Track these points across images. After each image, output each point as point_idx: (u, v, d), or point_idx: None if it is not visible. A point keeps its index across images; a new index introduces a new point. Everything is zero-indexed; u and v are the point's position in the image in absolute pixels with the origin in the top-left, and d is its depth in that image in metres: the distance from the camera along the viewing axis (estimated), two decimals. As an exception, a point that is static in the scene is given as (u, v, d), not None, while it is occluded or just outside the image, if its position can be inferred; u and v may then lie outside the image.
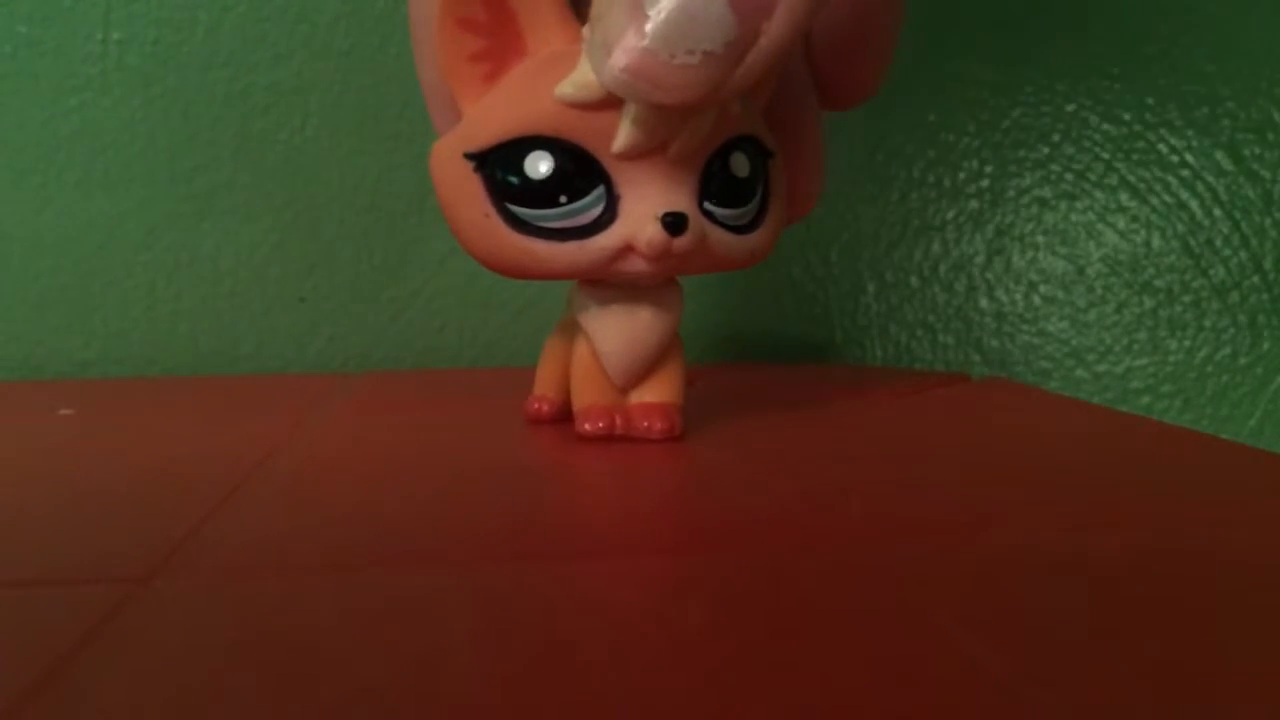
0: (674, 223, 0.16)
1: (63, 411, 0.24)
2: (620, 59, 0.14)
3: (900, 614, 0.10)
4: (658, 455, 0.18)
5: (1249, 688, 0.08)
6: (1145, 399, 0.34)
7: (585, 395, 0.19)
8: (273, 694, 0.08)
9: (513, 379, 0.22)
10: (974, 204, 0.34)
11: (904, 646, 0.09)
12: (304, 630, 0.09)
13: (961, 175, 0.34)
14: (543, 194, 0.16)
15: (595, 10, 0.15)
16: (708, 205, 0.17)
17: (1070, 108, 0.34)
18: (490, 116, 0.16)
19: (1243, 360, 0.34)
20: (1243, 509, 0.14)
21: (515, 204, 0.16)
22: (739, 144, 0.17)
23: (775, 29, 0.14)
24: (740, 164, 0.17)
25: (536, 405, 0.21)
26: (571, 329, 0.19)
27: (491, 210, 0.16)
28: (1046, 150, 0.34)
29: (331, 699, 0.08)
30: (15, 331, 0.33)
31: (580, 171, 0.16)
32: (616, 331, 0.18)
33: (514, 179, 0.16)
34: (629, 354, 0.18)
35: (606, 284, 0.18)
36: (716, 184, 0.17)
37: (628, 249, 0.16)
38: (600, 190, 0.16)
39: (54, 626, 0.10)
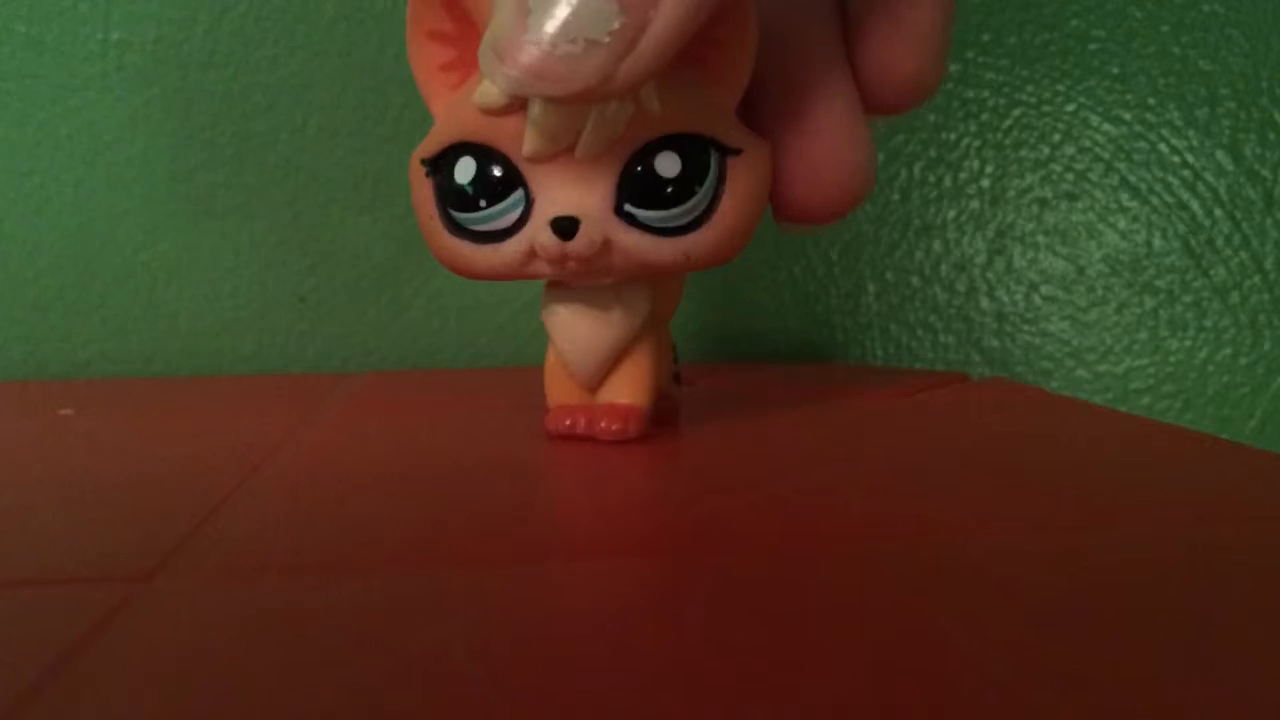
0: (564, 227, 0.16)
1: (63, 411, 0.24)
2: (505, 55, 0.14)
3: (900, 614, 0.10)
4: (657, 455, 0.18)
5: (1249, 688, 0.08)
6: (1146, 399, 0.34)
7: (554, 395, 0.19)
8: (273, 693, 0.08)
9: (513, 379, 0.22)
10: (975, 204, 0.34)
11: (903, 646, 0.09)
12: (304, 630, 0.09)
13: (962, 175, 0.34)
14: (469, 198, 0.17)
15: (492, 12, 0.15)
16: (628, 207, 0.16)
17: (1071, 108, 0.34)
18: (440, 124, 0.17)
19: (1243, 360, 0.34)
20: (1243, 509, 0.14)
21: (452, 207, 0.17)
22: (670, 144, 0.16)
23: (665, 15, 0.14)
24: (668, 164, 0.16)
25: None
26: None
27: (435, 213, 0.17)
28: (1047, 150, 0.34)
29: (331, 699, 0.08)
30: (15, 331, 0.33)
31: (501, 176, 0.16)
32: (572, 331, 0.18)
33: (451, 183, 0.17)
34: (582, 353, 0.18)
35: (566, 284, 0.18)
36: (638, 185, 0.16)
37: (532, 251, 0.16)
38: (519, 194, 0.16)
39: (54, 626, 0.09)
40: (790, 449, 0.18)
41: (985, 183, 0.34)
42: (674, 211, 0.17)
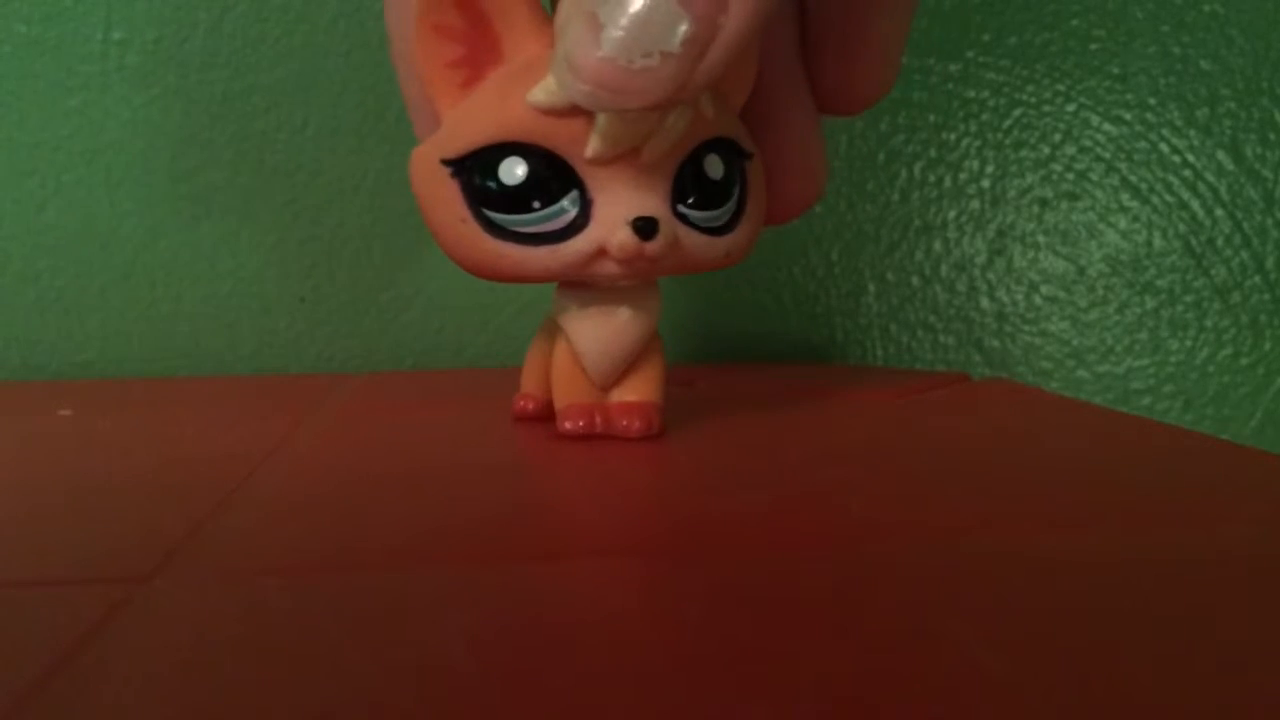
0: (644, 227, 0.16)
1: (63, 412, 0.24)
2: (582, 71, 0.14)
3: (899, 613, 0.10)
4: (657, 455, 0.18)
5: (1249, 688, 0.08)
6: (1146, 399, 0.34)
7: (566, 395, 0.19)
8: (273, 693, 0.08)
9: (513, 379, 0.22)
10: (975, 204, 0.34)
11: (903, 646, 0.09)
12: (304, 630, 0.09)
13: (963, 175, 0.34)
14: (517, 199, 0.16)
15: (557, 24, 0.15)
16: (681, 208, 0.17)
17: (1071, 108, 0.34)
18: (466, 123, 0.16)
19: (1244, 361, 0.34)
20: (1244, 509, 0.14)
21: (491, 209, 0.16)
22: (713, 146, 0.17)
23: (734, 20, 0.14)
24: (714, 166, 0.17)
25: (522, 403, 0.21)
26: (554, 329, 0.19)
27: (468, 215, 0.16)
28: (1048, 150, 0.34)
29: (331, 699, 0.08)
30: (15, 331, 0.33)
31: (554, 177, 0.16)
32: (593, 331, 0.18)
33: (490, 184, 0.16)
34: (606, 354, 0.18)
35: (584, 285, 0.18)
36: (690, 186, 0.17)
37: (601, 253, 0.16)
38: (574, 195, 0.16)
39: (54, 626, 0.09)
40: (790, 450, 0.18)
41: (986, 183, 0.34)
42: (719, 211, 0.17)
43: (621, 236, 0.16)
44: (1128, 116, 0.34)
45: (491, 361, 0.34)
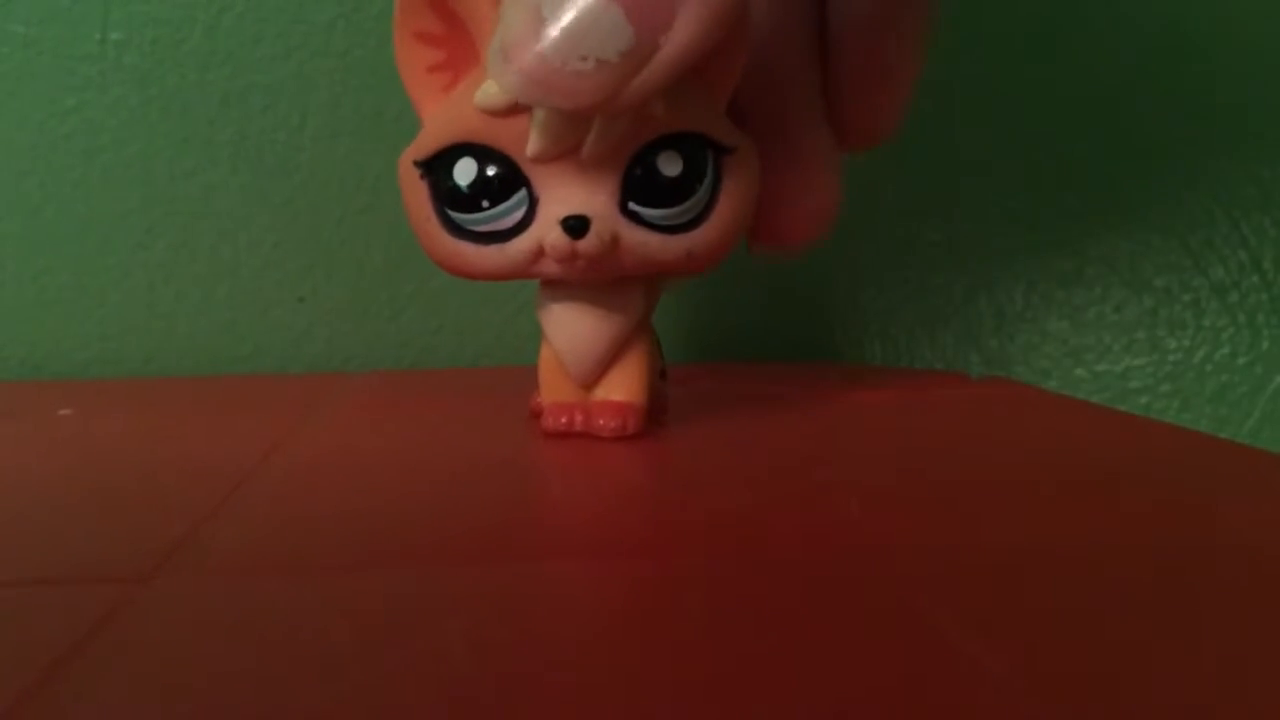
0: (575, 225, 0.16)
1: (62, 411, 0.24)
2: (515, 64, 0.14)
3: (898, 613, 0.10)
4: (656, 454, 0.18)
5: (1248, 687, 0.08)
6: (1144, 398, 0.34)
7: (549, 393, 0.19)
8: (272, 693, 0.08)
9: (512, 378, 0.22)
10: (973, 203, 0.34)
11: (902, 646, 0.09)
12: (304, 630, 0.09)
13: (961, 175, 0.34)
14: (469, 199, 0.17)
15: (499, 15, 0.15)
16: (633, 206, 0.17)
17: (1070, 107, 0.34)
18: (434, 125, 0.17)
19: (1241, 360, 0.34)
20: (1242, 509, 0.14)
21: (451, 209, 0.17)
22: (672, 142, 0.17)
23: (676, 40, 0.14)
24: (670, 163, 0.17)
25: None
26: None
27: (432, 214, 0.17)
28: (1046, 150, 0.34)
29: (331, 699, 0.08)
30: (14, 331, 0.33)
31: (503, 176, 0.16)
32: (569, 329, 0.18)
33: (449, 185, 0.17)
34: (580, 351, 0.18)
35: (562, 283, 0.18)
36: (641, 184, 0.17)
37: (539, 251, 0.17)
38: (522, 194, 0.17)
39: (54, 626, 0.10)
40: (789, 449, 0.18)
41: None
42: (677, 209, 0.17)
43: (553, 236, 0.16)
44: (1126, 116, 0.34)
45: (491, 361, 0.34)
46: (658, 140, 0.16)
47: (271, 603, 0.10)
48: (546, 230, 0.16)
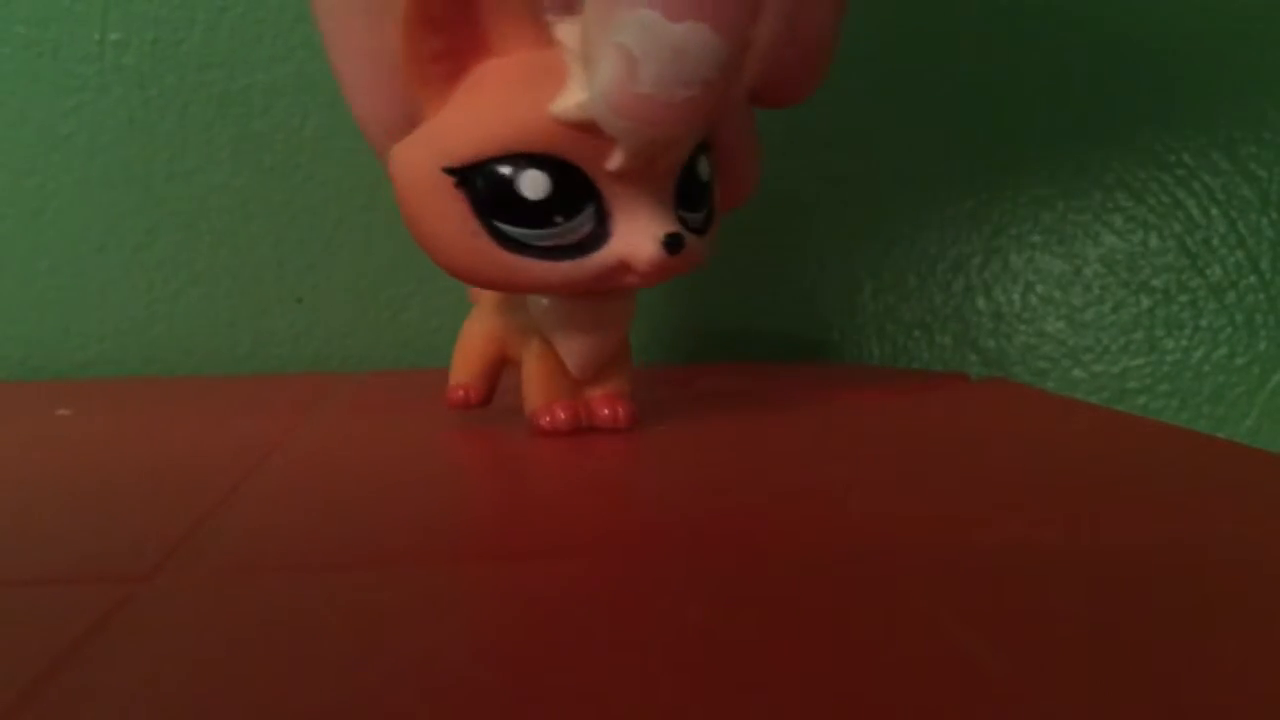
0: (673, 242, 0.16)
1: (61, 411, 0.24)
2: (622, 109, 0.14)
3: (898, 613, 0.10)
4: (655, 454, 0.18)
5: (1248, 687, 0.08)
6: (1142, 398, 0.34)
7: (546, 392, 0.19)
8: (273, 693, 0.08)
9: (512, 379, 0.22)
10: (970, 203, 0.34)
11: (902, 646, 0.09)
12: (304, 629, 0.09)
13: (959, 175, 0.34)
14: (537, 213, 0.15)
15: (584, 50, 0.14)
16: (680, 212, 0.17)
17: (1068, 107, 0.34)
18: (472, 127, 0.15)
19: (1239, 360, 0.34)
20: (1240, 508, 0.14)
21: (504, 222, 0.15)
22: (704, 146, 0.17)
23: (764, 29, 0.14)
24: (704, 167, 0.17)
25: (462, 393, 0.21)
26: (488, 321, 0.20)
27: (479, 229, 0.15)
28: (1045, 150, 0.34)
29: (331, 698, 0.08)
30: (14, 331, 0.33)
31: (573, 189, 0.15)
32: (584, 331, 0.18)
33: (505, 196, 0.15)
34: (594, 351, 0.18)
35: (575, 295, 0.18)
36: (683, 190, 0.17)
37: (623, 266, 0.16)
38: (591, 208, 0.16)
39: (54, 626, 0.10)
40: (788, 449, 0.18)
41: (981, 182, 0.34)
42: (706, 210, 0.17)
43: (651, 251, 0.16)
44: (1125, 116, 0.34)
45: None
46: (698, 146, 0.17)
47: (271, 602, 0.10)
48: (635, 246, 0.16)
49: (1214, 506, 0.14)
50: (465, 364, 0.21)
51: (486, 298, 0.20)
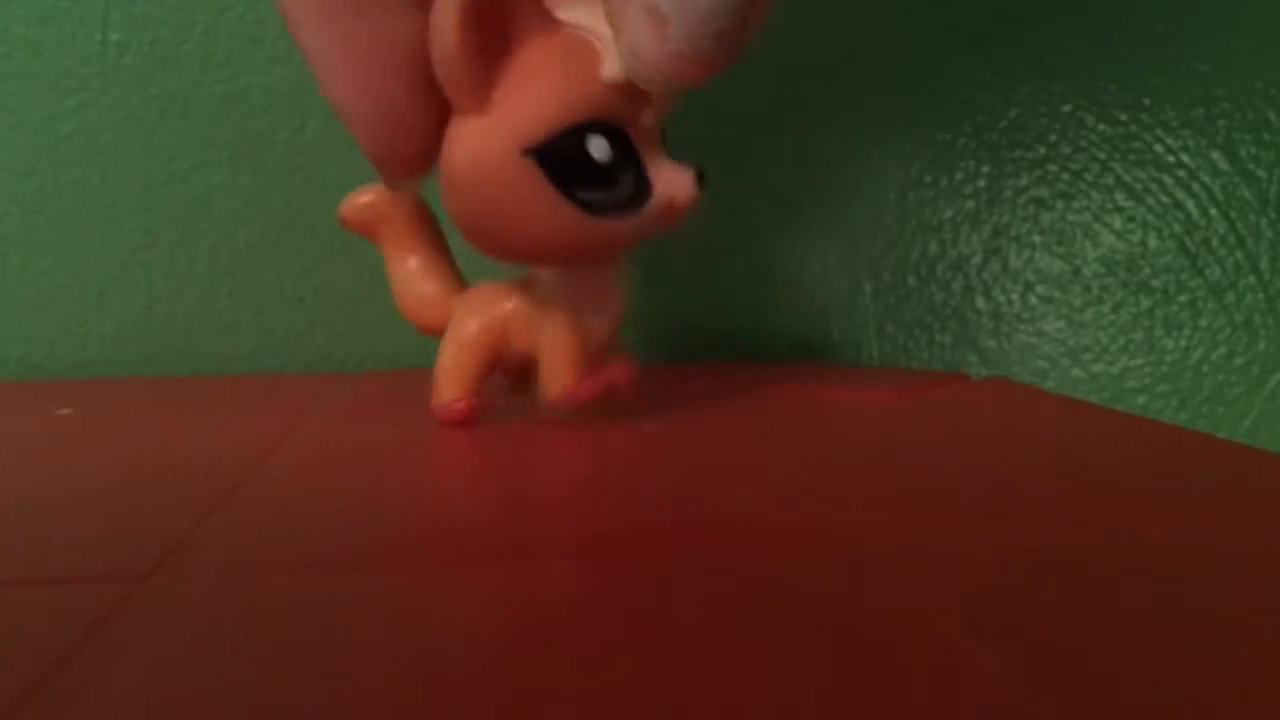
0: (702, 178, 0.18)
1: (61, 411, 0.24)
2: (652, 65, 0.15)
3: (898, 613, 0.10)
4: (654, 453, 0.18)
5: (1248, 687, 0.08)
6: (1141, 398, 0.34)
7: (572, 370, 0.19)
8: (272, 693, 0.08)
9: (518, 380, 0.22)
10: (971, 204, 0.34)
11: (902, 646, 0.09)
12: (304, 629, 0.09)
13: (958, 175, 0.34)
14: (605, 175, 0.17)
15: (610, 20, 0.16)
16: None
17: (1066, 108, 0.34)
18: (541, 108, 0.16)
19: (1238, 360, 0.34)
20: (1239, 508, 0.14)
21: (581, 189, 0.17)
22: None
23: None
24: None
25: (461, 406, 0.20)
26: (477, 324, 0.20)
27: (561, 200, 0.17)
28: (1043, 150, 0.34)
29: (331, 698, 0.08)
30: (14, 331, 0.33)
31: (622, 149, 0.17)
32: (609, 297, 0.19)
33: (579, 165, 0.17)
34: (618, 314, 0.20)
35: (585, 265, 0.19)
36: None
37: (671, 207, 0.18)
38: (634, 164, 0.17)
39: (54, 626, 0.10)
40: (787, 449, 0.19)
41: (981, 182, 0.34)
42: None
43: (690, 188, 0.18)
44: (1123, 117, 0.34)
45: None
46: None
47: (271, 603, 0.10)
48: (675, 186, 0.18)
49: (1214, 506, 0.14)
50: (459, 377, 0.20)
51: (475, 299, 0.21)
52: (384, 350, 0.34)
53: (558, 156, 0.16)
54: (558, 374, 0.19)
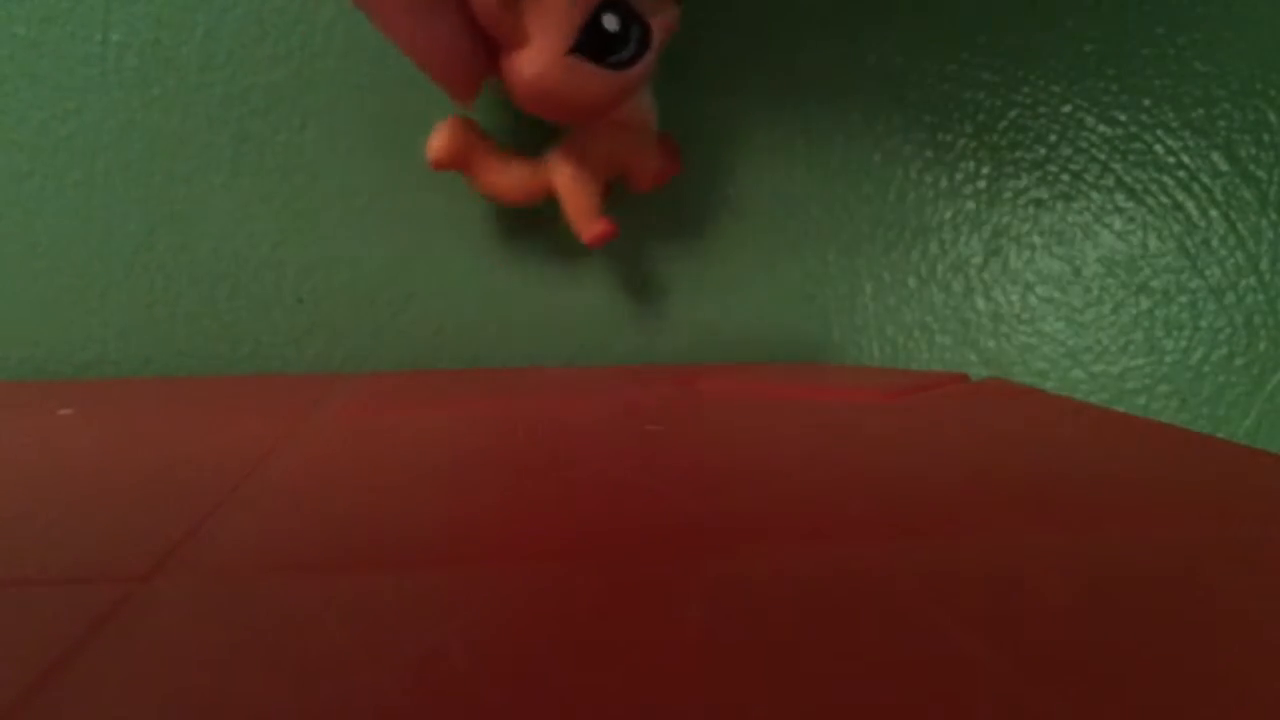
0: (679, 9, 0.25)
1: (62, 411, 0.24)
2: None
3: (899, 613, 0.10)
4: (653, 454, 0.18)
5: (1248, 687, 0.08)
6: (1142, 399, 0.34)
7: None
8: (271, 693, 0.08)
9: (511, 379, 0.22)
10: (971, 205, 0.34)
11: (903, 646, 0.09)
12: (303, 630, 0.09)
13: (959, 176, 0.34)
14: (619, 40, 0.23)
15: None
16: None
17: (1067, 109, 0.34)
18: (563, 19, 0.22)
19: (1239, 361, 0.34)
20: (1239, 508, 0.14)
21: (609, 56, 0.23)
22: None
23: None
24: None
25: (606, 223, 0.28)
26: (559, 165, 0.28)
27: (598, 69, 0.23)
28: (1043, 151, 0.34)
29: (331, 699, 0.08)
30: (14, 332, 0.33)
31: (625, 11, 0.23)
32: (648, 116, 0.27)
33: (601, 40, 0.22)
34: (654, 122, 0.28)
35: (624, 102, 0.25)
36: None
37: (661, 41, 0.24)
38: (636, 22, 0.23)
39: (54, 626, 0.10)
40: (787, 449, 0.19)
41: (981, 183, 0.34)
42: None
43: (674, 15, 0.24)
44: (1123, 118, 0.34)
45: (491, 361, 0.34)
46: None
47: (270, 603, 0.10)
48: (664, 21, 0.24)
49: (1214, 507, 0.14)
50: (590, 208, 0.28)
51: (558, 160, 0.28)
52: (384, 351, 0.34)
53: (588, 44, 0.22)
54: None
